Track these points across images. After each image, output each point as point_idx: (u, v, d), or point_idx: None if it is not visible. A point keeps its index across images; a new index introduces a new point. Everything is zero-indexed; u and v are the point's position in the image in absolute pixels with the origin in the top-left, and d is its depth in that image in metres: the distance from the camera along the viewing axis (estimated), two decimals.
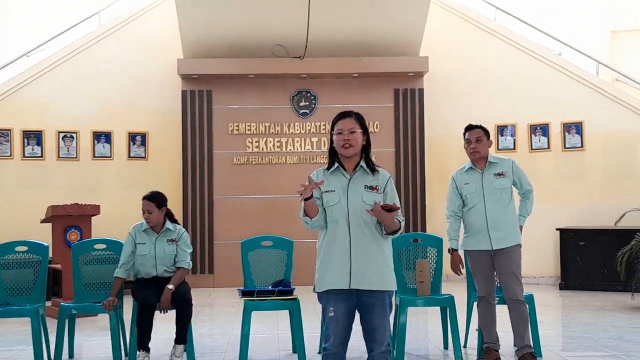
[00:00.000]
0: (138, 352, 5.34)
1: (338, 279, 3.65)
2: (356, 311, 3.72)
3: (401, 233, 3.88)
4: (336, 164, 3.78)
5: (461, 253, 5.47)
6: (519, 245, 5.30)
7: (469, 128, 5.45)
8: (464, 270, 5.48)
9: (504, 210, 5.28)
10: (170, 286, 5.42)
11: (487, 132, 5.44)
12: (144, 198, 5.65)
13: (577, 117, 10.32)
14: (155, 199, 5.64)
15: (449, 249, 5.46)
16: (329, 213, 3.71)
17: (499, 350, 5.36)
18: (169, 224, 5.68)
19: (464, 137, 5.44)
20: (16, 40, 11.47)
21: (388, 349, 3.67)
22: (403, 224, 3.74)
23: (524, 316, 5.22)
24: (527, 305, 5.30)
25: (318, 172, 3.82)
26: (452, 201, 5.46)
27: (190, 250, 5.72)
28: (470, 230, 5.37)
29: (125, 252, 5.60)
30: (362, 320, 3.72)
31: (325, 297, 3.71)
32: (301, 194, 3.57)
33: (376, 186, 3.73)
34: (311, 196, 3.60)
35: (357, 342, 4.02)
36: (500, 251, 5.24)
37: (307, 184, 3.58)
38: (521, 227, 5.42)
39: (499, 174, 5.33)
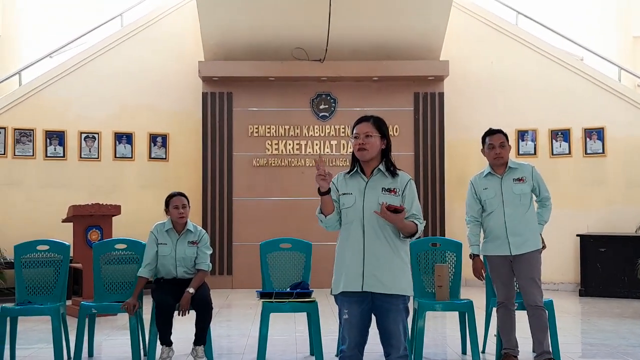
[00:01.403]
0: (162, 348, 5.39)
1: (351, 281, 3.66)
2: (372, 315, 3.71)
3: (419, 237, 3.87)
4: (356, 168, 3.80)
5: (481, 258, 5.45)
6: (539, 251, 5.28)
7: (491, 133, 5.41)
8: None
9: (523, 216, 5.25)
10: (191, 290, 5.44)
11: (507, 137, 5.43)
12: (175, 195, 5.71)
13: (598, 123, 10.23)
14: (185, 195, 5.74)
15: (470, 255, 5.44)
16: (344, 215, 3.73)
17: (518, 356, 5.34)
18: (190, 225, 5.71)
19: (485, 142, 5.41)
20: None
21: (405, 353, 3.67)
22: (421, 226, 3.72)
23: (544, 322, 5.19)
24: (547, 312, 5.27)
25: (339, 176, 3.84)
26: (471, 206, 5.44)
27: (210, 252, 5.75)
28: (490, 236, 5.35)
29: (149, 252, 5.62)
30: (378, 324, 3.72)
31: (340, 299, 3.73)
32: (317, 170, 3.52)
33: (394, 189, 3.72)
34: (329, 191, 3.61)
35: (375, 345, 4.01)
36: (519, 257, 5.22)
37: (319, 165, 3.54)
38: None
39: (519, 179, 5.30)
